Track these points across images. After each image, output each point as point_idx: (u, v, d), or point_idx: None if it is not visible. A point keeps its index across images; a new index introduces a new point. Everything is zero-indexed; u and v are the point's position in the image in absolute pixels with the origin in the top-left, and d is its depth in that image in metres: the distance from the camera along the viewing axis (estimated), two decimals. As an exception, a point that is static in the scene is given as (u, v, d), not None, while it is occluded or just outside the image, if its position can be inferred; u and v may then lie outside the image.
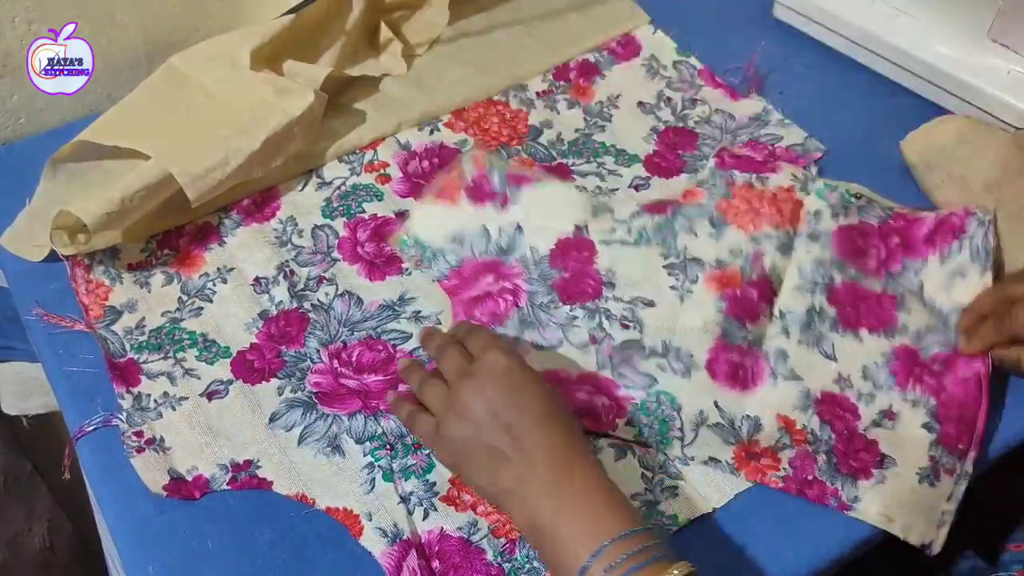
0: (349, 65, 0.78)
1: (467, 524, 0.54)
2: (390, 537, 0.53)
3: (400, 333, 0.63)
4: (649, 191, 0.72)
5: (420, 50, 0.82)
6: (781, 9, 0.85)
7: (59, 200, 0.67)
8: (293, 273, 0.66)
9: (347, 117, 0.76)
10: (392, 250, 0.67)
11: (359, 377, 0.60)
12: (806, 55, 0.83)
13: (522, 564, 0.52)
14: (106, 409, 0.58)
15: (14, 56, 0.71)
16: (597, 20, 0.86)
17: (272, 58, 0.74)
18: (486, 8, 0.86)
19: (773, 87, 0.80)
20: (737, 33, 0.85)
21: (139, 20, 0.76)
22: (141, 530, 0.53)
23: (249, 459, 0.56)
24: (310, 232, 0.69)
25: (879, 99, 0.79)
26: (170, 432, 0.57)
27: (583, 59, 0.82)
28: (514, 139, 0.76)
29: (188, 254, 0.67)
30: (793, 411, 0.58)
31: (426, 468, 0.56)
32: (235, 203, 0.70)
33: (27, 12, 0.70)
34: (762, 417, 0.58)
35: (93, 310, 0.63)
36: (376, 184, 0.72)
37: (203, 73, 0.71)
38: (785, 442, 0.57)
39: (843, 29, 0.80)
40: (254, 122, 0.68)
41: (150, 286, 0.65)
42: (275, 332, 0.62)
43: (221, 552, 0.52)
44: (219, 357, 0.61)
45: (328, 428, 0.58)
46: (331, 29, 0.77)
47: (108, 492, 0.55)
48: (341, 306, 0.64)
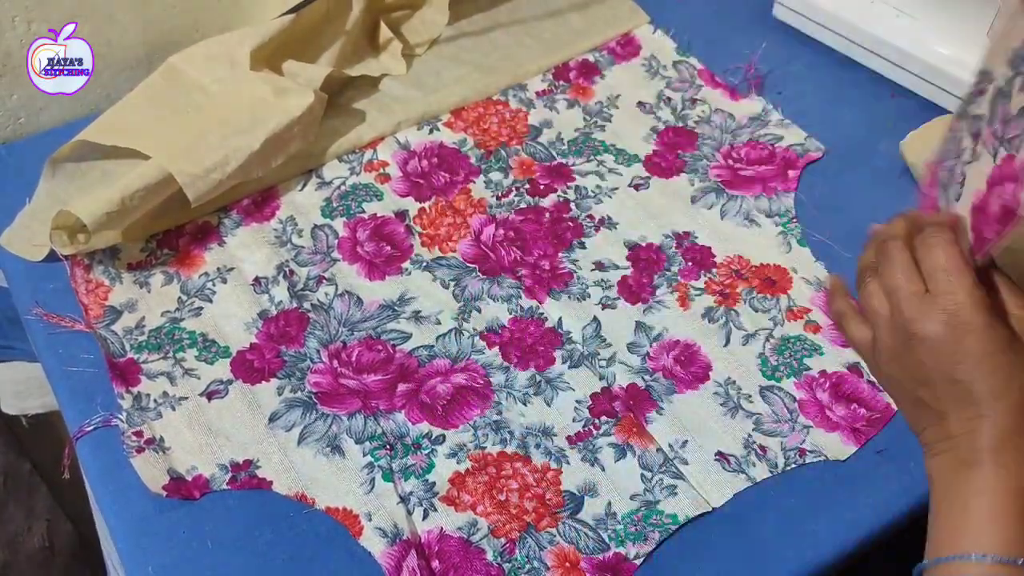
0: (349, 65, 0.78)
1: (467, 524, 0.54)
2: (390, 537, 0.53)
3: (400, 333, 0.63)
4: (648, 191, 0.72)
5: (420, 50, 0.82)
6: (781, 9, 0.85)
7: (59, 200, 0.67)
8: (293, 273, 0.66)
9: (347, 117, 0.76)
10: (391, 250, 0.67)
11: (359, 377, 0.60)
12: (806, 55, 0.83)
13: (522, 564, 0.52)
14: (106, 409, 0.58)
15: (14, 56, 0.71)
16: (597, 20, 0.86)
17: (272, 58, 0.74)
18: (486, 8, 0.87)
19: (773, 87, 0.80)
20: (737, 33, 0.85)
21: (139, 20, 0.76)
22: (141, 530, 0.53)
23: (249, 459, 0.56)
24: (310, 232, 0.69)
25: (879, 99, 0.79)
26: (170, 432, 0.57)
27: (583, 59, 0.82)
28: (514, 139, 0.76)
29: (188, 254, 0.67)
30: None
31: (426, 468, 0.56)
32: (235, 203, 0.70)
33: (27, 12, 0.70)
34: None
35: (93, 310, 0.63)
36: (376, 183, 0.72)
37: (203, 73, 0.71)
38: None
39: (843, 29, 0.80)
40: (254, 122, 0.68)
41: (150, 286, 0.65)
42: (275, 332, 0.62)
43: (221, 552, 0.52)
44: (219, 357, 0.61)
45: (328, 428, 0.58)
46: (331, 29, 0.77)
47: (108, 492, 0.55)
48: (341, 306, 0.64)
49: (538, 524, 0.54)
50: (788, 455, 0.57)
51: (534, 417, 0.59)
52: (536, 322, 0.64)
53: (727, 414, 0.59)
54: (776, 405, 0.60)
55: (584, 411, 0.59)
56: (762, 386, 0.61)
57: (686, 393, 0.60)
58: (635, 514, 0.54)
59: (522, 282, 0.66)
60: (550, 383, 0.61)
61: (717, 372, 0.61)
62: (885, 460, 0.57)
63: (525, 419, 0.59)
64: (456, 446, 0.57)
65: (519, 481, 0.56)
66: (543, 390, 0.60)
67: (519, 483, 0.56)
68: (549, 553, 0.53)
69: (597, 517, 0.54)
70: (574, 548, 0.53)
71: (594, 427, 0.58)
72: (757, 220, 0.70)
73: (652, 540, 0.53)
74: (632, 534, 0.53)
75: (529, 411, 0.59)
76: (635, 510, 0.55)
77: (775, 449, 0.58)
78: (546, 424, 0.58)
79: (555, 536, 0.53)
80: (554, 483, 0.56)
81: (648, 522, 0.54)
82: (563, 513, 0.54)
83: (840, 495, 0.56)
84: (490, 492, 0.55)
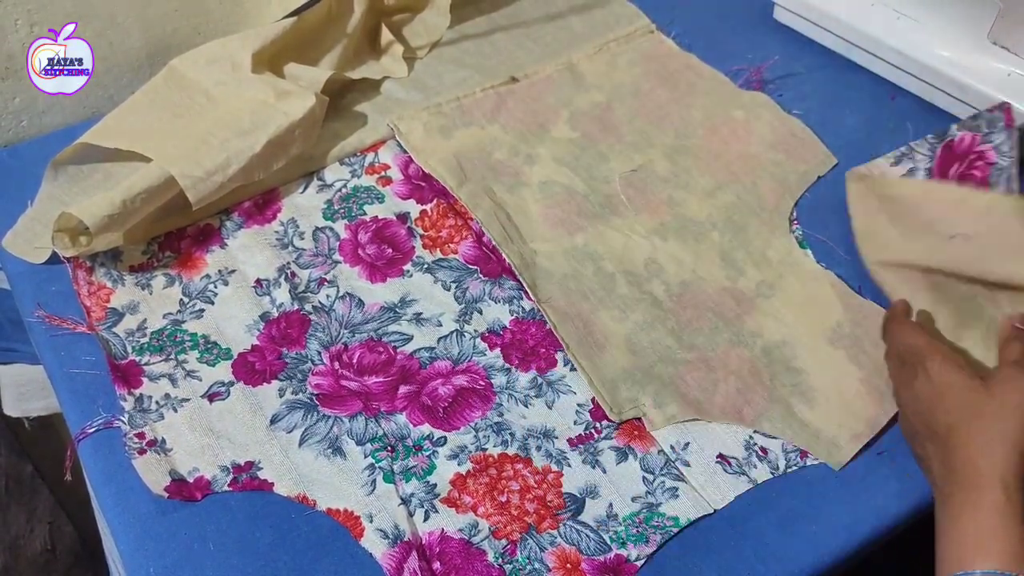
0: (350, 67, 0.78)
1: (468, 525, 0.54)
2: (391, 539, 0.53)
3: (401, 335, 0.63)
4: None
5: (421, 53, 0.82)
6: (781, 12, 0.85)
7: (61, 202, 0.67)
8: (294, 275, 0.66)
9: (348, 119, 0.76)
10: (393, 252, 0.67)
11: (360, 379, 0.60)
12: (806, 57, 0.83)
13: (523, 565, 0.52)
14: (107, 411, 0.58)
15: (16, 59, 0.71)
16: (598, 23, 0.86)
17: (273, 61, 0.74)
18: (487, 11, 0.87)
19: (774, 89, 0.80)
20: (737, 35, 0.85)
21: (140, 22, 0.76)
22: (142, 531, 0.53)
23: (250, 460, 0.56)
24: (311, 234, 0.69)
25: (879, 101, 0.79)
26: (171, 434, 0.57)
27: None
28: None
29: (189, 256, 0.67)
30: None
31: (427, 469, 0.56)
32: (236, 205, 0.70)
33: (29, 15, 0.70)
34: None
35: (95, 312, 0.63)
36: (377, 186, 0.72)
37: (204, 76, 0.72)
38: None
39: (843, 31, 0.81)
40: (255, 125, 0.68)
41: (151, 288, 0.65)
42: (276, 334, 0.63)
43: (222, 553, 0.52)
44: (220, 359, 0.61)
45: (329, 430, 0.58)
46: (332, 32, 0.77)
47: (109, 493, 0.55)
48: (342, 308, 0.64)
49: (539, 525, 0.54)
50: (789, 457, 0.57)
51: (535, 419, 0.59)
52: (537, 324, 0.64)
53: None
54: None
55: (585, 414, 0.59)
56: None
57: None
58: (636, 516, 0.54)
59: (523, 283, 0.66)
60: (551, 385, 0.61)
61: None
62: (885, 462, 0.58)
63: (526, 421, 0.59)
64: (457, 448, 0.57)
65: (520, 482, 0.56)
66: (544, 392, 0.60)
67: (520, 484, 0.56)
68: (550, 554, 0.53)
69: (598, 519, 0.54)
70: (575, 549, 0.53)
71: (596, 431, 0.58)
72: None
73: (653, 542, 0.53)
74: (633, 536, 0.54)
75: (530, 413, 0.59)
76: (636, 512, 0.55)
77: (776, 451, 0.58)
78: (547, 426, 0.59)
79: (556, 537, 0.54)
80: (555, 485, 0.56)
81: (649, 524, 0.54)
82: (564, 515, 0.55)
83: (841, 497, 0.56)
84: (491, 493, 0.55)
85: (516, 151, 0.74)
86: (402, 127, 0.74)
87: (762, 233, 0.69)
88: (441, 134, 0.74)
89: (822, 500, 0.56)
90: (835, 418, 0.59)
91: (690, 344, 0.62)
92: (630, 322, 0.63)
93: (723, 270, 0.67)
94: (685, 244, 0.68)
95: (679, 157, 0.74)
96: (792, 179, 0.73)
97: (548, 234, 0.68)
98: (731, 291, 0.65)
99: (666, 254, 0.68)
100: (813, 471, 0.57)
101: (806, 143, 0.75)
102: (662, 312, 0.64)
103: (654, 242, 0.68)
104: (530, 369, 0.61)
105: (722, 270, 0.67)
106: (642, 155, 0.74)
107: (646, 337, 0.63)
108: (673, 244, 0.68)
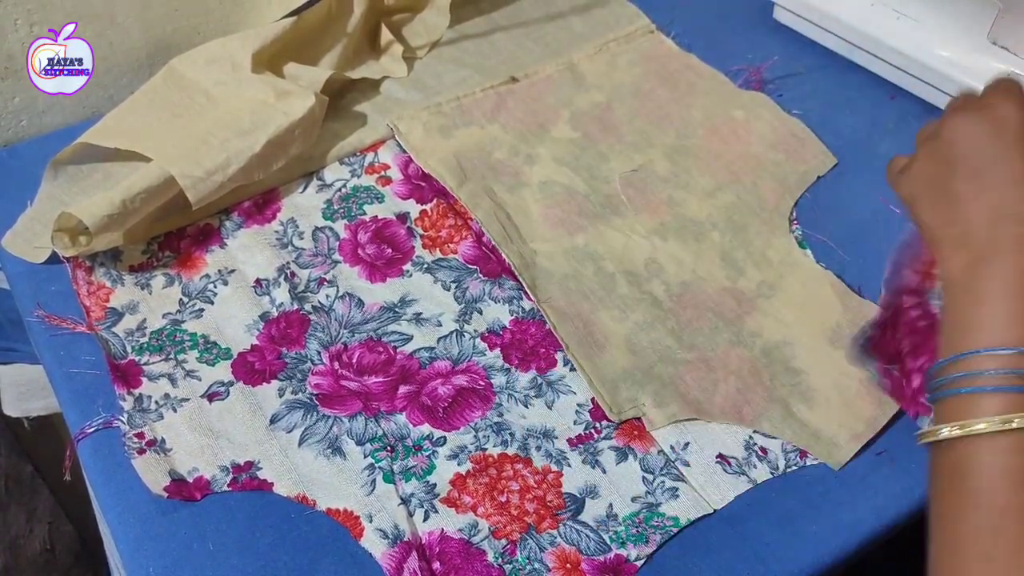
0: (350, 67, 0.78)
1: (468, 525, 0.54)
2: (391, 538, 0.53)
3: (401, 335, 0.63)
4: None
5: (421, 52, 0.82)
6: (781, 12, 0.85)
7: (60, 202, 0.67)
8: (294, 275, 0.66)
9: (348, 119, 0.76)
10: (393, 252, 0.67)
11: (360, 379, 0.60)
12: (806, 57, 0.83)
13: (523, 565, 0.52)
14: (107, 411, 0.58)
15: (16, 59, 0.71)
16: (598, 23, 0.86)
17: (273, 61, 0.74)
18: (487, 11, 0.87)
19: (774, 90, 0.80)
20: (737, 35, 0.85)
21: (140, 22, 0.76)
22: (142, 531, 0.53)
23: (250, 460, 0.56)
24: (311, 234, 0.69)
25: (879, 101, 0.79)
26: (171, 433, 0.57)
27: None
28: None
29: (189, 256, 0.67)
30: None
31: (427, 469, 0.56)
32: (236, 205, 0.70)
33: (29, 15, 0.70)
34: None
35: (94, 312, 0.63)
36: (377, 186, 0.72)
37: (204, 76, 0.72)
38: None
39: (843, 32, 0.81)
40: (255, 124, 0.68)
41: (151, 288, 0.65)
42: (276, 334, 0.63)
43: (222, 553, 0.52)
44: (220, 359, 0.61)
45: (329, 429, 0.58)
46: (332, 31, 0.77)
47: (109, 493, 0.55)
48: (342, 308, 0.64)
49: (539, 525, 0.54)
50: (789, 457, 0.57)
51: (535, 419, 0.59)
52: (537, 324, 0.64)
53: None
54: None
55: (585, 414, 0.59)
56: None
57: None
58: (636, 516, 0.54)
59: (523, 283, 0.66)
60: (551, 385, 0.61)
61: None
62: (885, 462, 0.58)
63: (526, 421, 0.59)
64: (457, 448, 0.57)
65: (520, 483, 0.56)
66: (544, 392, 0.60)
67: (520, 484, 0.56)
68: (550, 554, 0.53)
69: (598, 519, 0.54)
70: (575, 549, 0.53)
71: (595, 431, 0.58)
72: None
73: (653, 542, 0.53)
74: (633, 536, 0.53)
75: (530, 413, 0.59)
76: (636, 512, 0.55)
77: (776, 451, 0.58)
78: (547, 426, 0.59)
79: (556, 537, 0.54)
80: (555, 485, 0.56)
81: (649, 524, 0.54)
82: (564, 515, 0.55)
83: (840, 497, 0.56)
84: (491, 493, 0.55)
85: (516, 151, 0.74)
86: (402, 127, 0.75)
87: (762, 233, 0.69)
88: (441, 134, 0.74)
89: (822, 500, 0.56)
90: (835, 418, 0.59)
91: (690, 344, 0.62)
92: (630, 322, 0.63)
93: (723, 270, 0.67)
94: (685, 244, 0.68)
95: (679, 157, 0.74)
96: (792, 179, 0.73)
97: (548, 234, 0.68)
98: (731, 291, 0.65)
99: (666, 254, 0.68)
100: (813, 471, 0.57)
101: (806, 143, 0.75)
102: (662, 312, 0.64)
103: (654, 242, 0.68)
104: (530, 369, 0.61)
105: (722, 270, 0.67)
106: (642, 155, 0.74)
107: (646, 337, 0.63)
108: (673, 244, 0.68)
